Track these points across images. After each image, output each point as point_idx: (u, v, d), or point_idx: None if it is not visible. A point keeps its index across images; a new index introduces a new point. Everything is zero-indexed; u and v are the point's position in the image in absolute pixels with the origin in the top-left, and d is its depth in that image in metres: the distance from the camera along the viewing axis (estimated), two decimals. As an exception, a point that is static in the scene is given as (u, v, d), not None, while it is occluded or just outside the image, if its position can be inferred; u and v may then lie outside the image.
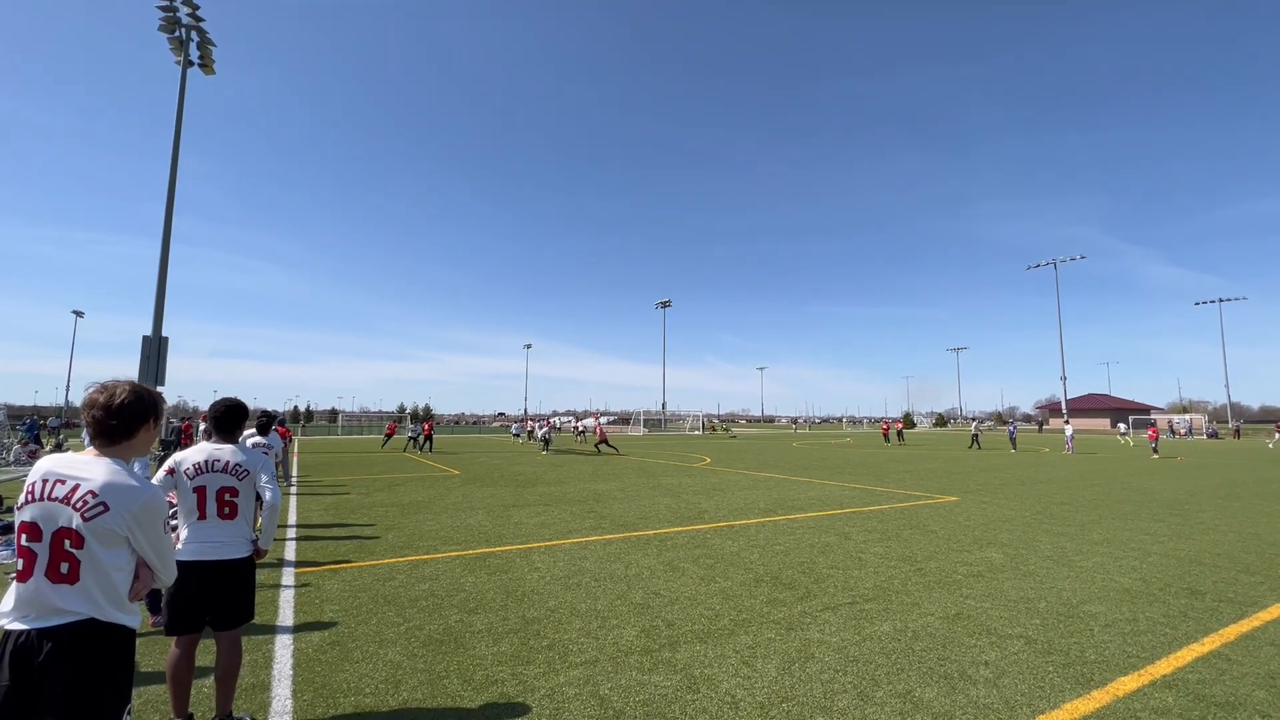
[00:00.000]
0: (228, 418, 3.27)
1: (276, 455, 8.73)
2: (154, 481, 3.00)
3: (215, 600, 3.01)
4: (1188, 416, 68.00)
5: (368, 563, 6.42)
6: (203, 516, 3.03)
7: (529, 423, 41.91)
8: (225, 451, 3.16)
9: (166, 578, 2.00)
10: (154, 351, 15.92)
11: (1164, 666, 3.84)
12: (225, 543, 3.05)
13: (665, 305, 71.23)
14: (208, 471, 3.07)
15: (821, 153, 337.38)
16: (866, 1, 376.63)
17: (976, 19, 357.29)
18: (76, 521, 1.79)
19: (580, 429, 37.77)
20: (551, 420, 48.41)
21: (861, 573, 6.09)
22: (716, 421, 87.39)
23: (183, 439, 16.54)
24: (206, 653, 3.62)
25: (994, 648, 4.12)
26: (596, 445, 26.54)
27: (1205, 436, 55.39)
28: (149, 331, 16.22)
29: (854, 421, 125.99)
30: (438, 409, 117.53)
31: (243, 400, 3.36)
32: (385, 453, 25.56)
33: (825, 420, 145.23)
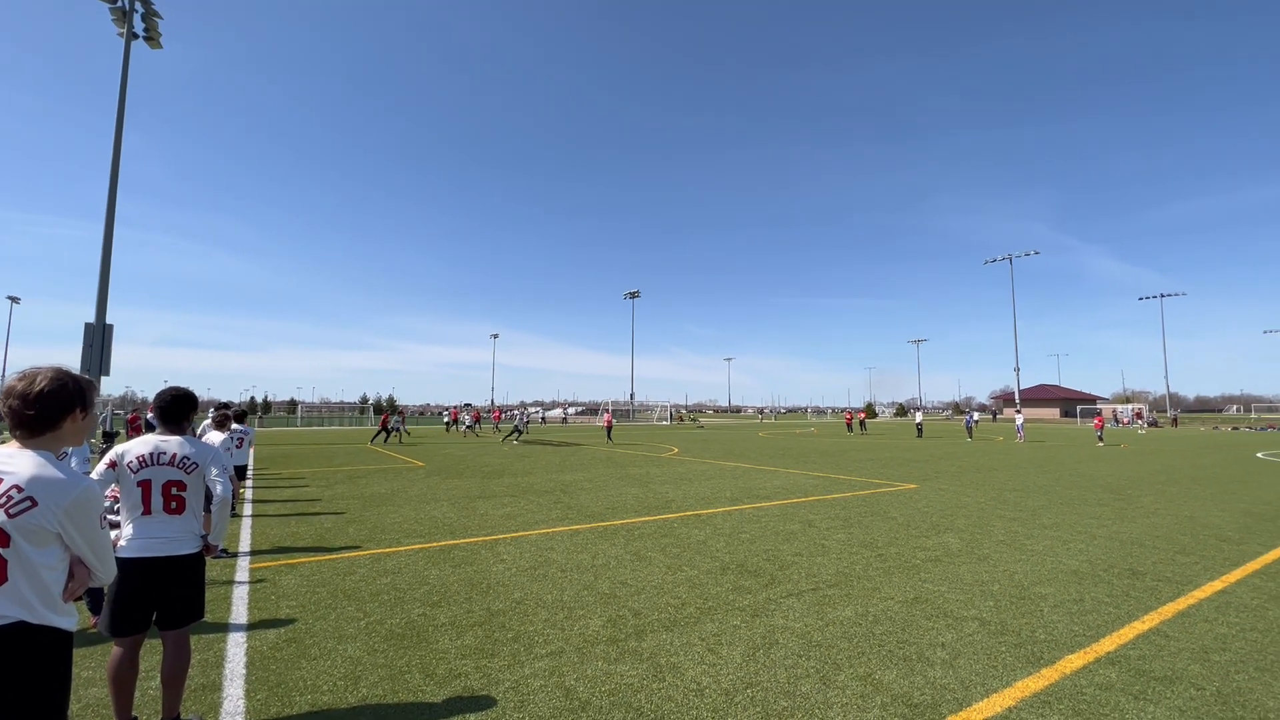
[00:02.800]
0: (175, 408, 3.12)
1: (250, 441, 8.93)
2: (95, 475, 2.84)
3: (163, 598, 2.87)
4: (1131, 406, 71.59)
5: (327, 557, 6.25)
6: (148, 511, 2.89)
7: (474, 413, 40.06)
8: (172, 443, 3.00)
9: (105, 575, 1.89)
10: (97, 339, 15.14)
11: (1108, 644, 4.02)
12: (172, 538, 2.90)
13: (634, 296, 71.14)
14: (153, 464, 2.92)
15: (786, 144, 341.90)
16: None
17: (935, 12, 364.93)
18: (1, 518, 1.67)
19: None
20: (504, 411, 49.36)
21: (824, 559, 6.22)
22: (684, 412, 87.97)
23: (130, 431, 15.85)
24: (152, 653, 3.48)
25: (950, 630, 4.26)
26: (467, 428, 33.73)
27: (1145, 424, 58.35)
28: (91, 318, 15.42)
29: (818, 411, 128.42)
30: (401, 399, 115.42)
31: (192, 390, 3.21)
32: (349, 445, 24.90)
33: (791, 410, 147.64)
